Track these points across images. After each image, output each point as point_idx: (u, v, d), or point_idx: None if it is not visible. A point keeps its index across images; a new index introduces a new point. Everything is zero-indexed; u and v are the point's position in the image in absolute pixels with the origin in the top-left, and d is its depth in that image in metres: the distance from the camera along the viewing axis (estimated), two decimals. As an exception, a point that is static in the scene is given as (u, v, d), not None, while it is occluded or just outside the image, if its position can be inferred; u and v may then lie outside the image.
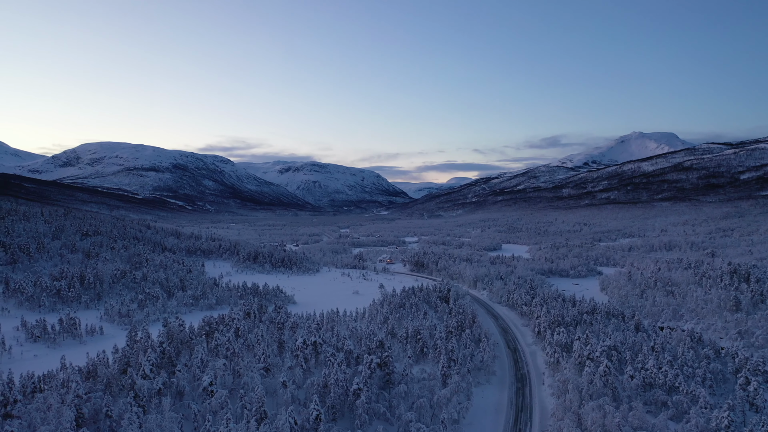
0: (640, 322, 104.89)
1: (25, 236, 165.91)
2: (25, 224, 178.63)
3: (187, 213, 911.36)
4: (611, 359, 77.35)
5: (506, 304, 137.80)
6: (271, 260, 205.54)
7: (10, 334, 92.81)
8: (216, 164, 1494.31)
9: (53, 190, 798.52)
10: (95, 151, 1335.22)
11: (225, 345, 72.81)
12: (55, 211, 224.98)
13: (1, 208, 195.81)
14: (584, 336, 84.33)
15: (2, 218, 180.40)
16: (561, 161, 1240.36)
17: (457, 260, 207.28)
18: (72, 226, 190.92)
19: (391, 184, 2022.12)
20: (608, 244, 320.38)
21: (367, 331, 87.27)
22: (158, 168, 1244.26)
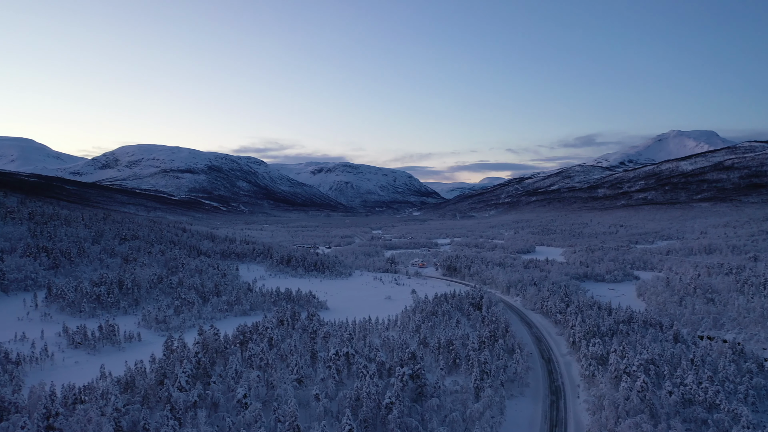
0: (678, 333, 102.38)
1: (67, 241, 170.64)
2: (67, 229, 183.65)
3: (222, 214, 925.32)
4: (648, 374, 75.69)
5: (540, 311, 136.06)
6: (303, 264, 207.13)
7: (53, 340, 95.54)
8: (250, 165, 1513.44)
9: (93, 192, 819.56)
10: (133, 154, 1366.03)
11: (259, 355, 73.62)
12: (95, 215, 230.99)
13: (44, 213, 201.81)
14: (620, 348, 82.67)
15: (45, 223, 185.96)
16: (596, 161, 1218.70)
17: (489, 264, 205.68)
18: (111, 231, 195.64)
19: (423, 185, 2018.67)
20: (645, 246, 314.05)
21: (399, 341, 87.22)
22: (193, 170, 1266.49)
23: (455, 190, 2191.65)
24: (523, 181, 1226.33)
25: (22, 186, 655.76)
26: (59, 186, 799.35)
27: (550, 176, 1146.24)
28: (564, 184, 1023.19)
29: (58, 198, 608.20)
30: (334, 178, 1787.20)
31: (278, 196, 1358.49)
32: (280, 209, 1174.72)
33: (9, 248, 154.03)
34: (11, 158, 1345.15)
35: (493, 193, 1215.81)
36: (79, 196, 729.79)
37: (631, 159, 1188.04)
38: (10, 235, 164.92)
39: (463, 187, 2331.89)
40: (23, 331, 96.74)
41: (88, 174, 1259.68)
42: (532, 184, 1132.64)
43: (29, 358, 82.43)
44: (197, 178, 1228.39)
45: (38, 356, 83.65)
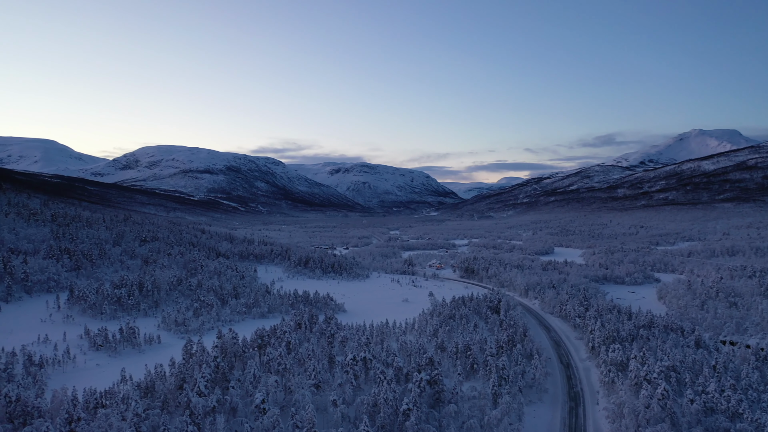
0: (700, 338, 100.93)
1: (88, 242, 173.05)
2: (88, 231, 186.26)
3: (240, 214, 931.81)
4: (669, 381, 74.72)
5: (559, 315, 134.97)
6: (321, 265, 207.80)
7: (75, 342, 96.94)
8: (268, 166, 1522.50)
9: (114, 192, 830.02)
10: (153, 155, 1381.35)
11: (277, 360, 73.99)
12: (116, 217, 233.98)
13: (67, 215, 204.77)
14: (641, 354, 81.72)
15: (67, 225, 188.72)
16: (616, 160, 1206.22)
17: (507, 267, 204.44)
18: (131, 232, 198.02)
19: (440, 185, 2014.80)
20: (666, 248, 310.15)
21: (416, 345, 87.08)
22: (212, 170, 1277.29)
23: (473, 190, 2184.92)
24: (541, 181, 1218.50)
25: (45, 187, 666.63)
26: (81, 187, 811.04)
27: (569, 176, 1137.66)
28: (583, 184, 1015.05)
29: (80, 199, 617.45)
30: (352, 178, 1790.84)
31: (296, 196, 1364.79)
32: (297, 209, 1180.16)
33: (32, 250, 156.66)
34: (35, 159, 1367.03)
35: (511, 193, 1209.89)
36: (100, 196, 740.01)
37: (651, 158, 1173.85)
38: (34, 236, 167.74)
39: (480, 187, 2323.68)
40: (46, 333, 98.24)
41: (109, 175, 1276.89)
42: (551, 184, 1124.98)
43: (52, 360, 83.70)
44: (216, 178, 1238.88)
45: (61, 359, 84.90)
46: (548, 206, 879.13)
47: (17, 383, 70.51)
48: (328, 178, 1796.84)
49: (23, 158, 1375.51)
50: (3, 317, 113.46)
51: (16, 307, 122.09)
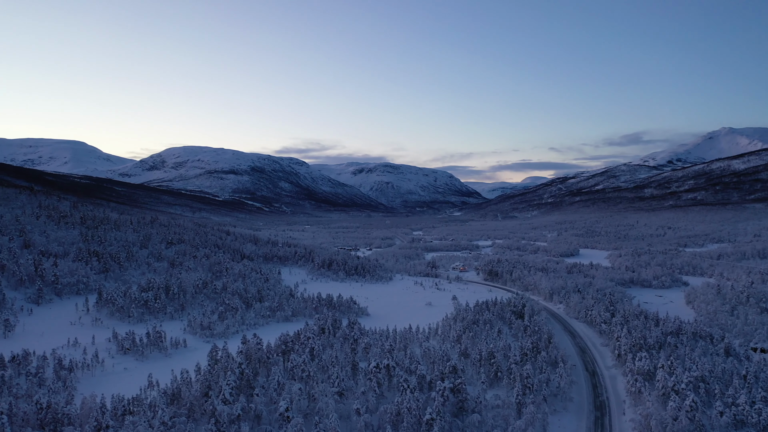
0: (730, 346, 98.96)
1: (116, 245, 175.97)
2: (116, 233, 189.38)
3: (264, 215, 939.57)
4: (698, 392, 73.41)
5: (584, 320, 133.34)
6: (344, 268, 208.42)
7: (103, 345, 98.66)
8: (291, 166, 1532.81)
9: (141, 193, 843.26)
10: (179, 155, 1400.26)
11: (300, 367, 74.45)
12: (143, 219, 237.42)
13: (95, 217, 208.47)
14: (668, 363, 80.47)
15: (96, 227, 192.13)
16: (643, 159, 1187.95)
17: (532, 270, 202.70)
18: (158, 235, 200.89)
19: (464, 185, 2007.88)
20: (694, 250, 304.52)
21: (440, 352, 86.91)
22: (237, 171, 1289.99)
23: (497, 190, 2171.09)
24: (566, 180, 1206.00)
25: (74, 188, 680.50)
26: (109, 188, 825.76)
27: (594, 176, 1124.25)
28: (609, 183, 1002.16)
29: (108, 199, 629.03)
30: (375, 178, 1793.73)
31: (319, 196, 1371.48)
32: (321, 210, 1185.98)
33: (62, 252, 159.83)
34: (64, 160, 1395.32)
35: (535, 193, 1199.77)
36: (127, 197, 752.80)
37: (679, 158, 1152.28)
38: (64, 239, 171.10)
39: (504, 186, 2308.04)
40: (75, 336, 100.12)
41: (136, 175, 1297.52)
42: (576, 183, 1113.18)
43: (81, 364, 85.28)
44: (240, 179, 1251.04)
45: (90, 363, 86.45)
46: (573, 206, 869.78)
47: (48, 388, 72.10)
48: (351, 178, 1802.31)
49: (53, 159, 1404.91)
50: (34, 319, 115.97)
51: (46, 310, 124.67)
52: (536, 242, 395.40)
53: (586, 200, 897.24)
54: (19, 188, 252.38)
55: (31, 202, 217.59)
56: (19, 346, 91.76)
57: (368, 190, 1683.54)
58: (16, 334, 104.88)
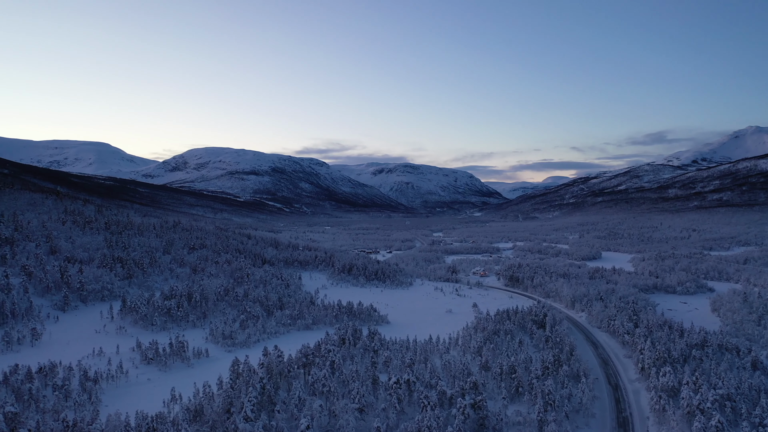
0: (757, 359, 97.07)
1: (140, 251, 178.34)
2: (140, 238, 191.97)
3: (285, 215, 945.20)
4: (724, 411, 72.15)
5: (607, 329, 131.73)
6: (365, 273, 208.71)
7: (127, 355, 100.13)
8: (312, 167, 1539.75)
9: (163, 194, 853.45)
10: (201, 156, 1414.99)
11: (321, 381, 74.76)
12: (165, 223, 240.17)
13: (119, 223, 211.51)
14: (693, 379, 79.24)
15: (120, 233, 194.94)
16: (667, 159, 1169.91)
17: (553, 276, 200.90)
18: (180, 240, 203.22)
19: (484, 185, 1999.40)
20: (720, 253, 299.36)
21: (460, 365, 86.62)
22: (258, 171, 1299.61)
23: (517, 190, 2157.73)
24: (588, 180, 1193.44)
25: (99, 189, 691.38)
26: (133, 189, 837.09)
27: (617, 175, 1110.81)
28: (632, 183, 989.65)
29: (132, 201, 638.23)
30: (395, 178, 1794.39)
31: (340, 196, 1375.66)
32: (341, 210, 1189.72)
33: (87, 258, 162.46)
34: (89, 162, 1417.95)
35: (557, 193, 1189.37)
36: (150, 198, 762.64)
37: (704, 157, 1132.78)
38: (89, 245, 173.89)
39: (525, 186, 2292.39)
40: (100, 346, 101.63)
41: (159, 176, 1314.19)
42: (598, 183, 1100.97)
43: (106, 375, 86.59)
44: (261, 179, 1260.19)
45: (114, 373, 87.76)
46: (595, 207, 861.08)
47: (74, 401, 73.43)
48: (371, 178, 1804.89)
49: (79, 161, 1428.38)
50: (61, 327, 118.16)
51: (72, 317, 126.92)
52: (557, 244, 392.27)
53: (608, 201, 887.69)
54: (45, 193, 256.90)
55: (57, 207, 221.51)
56: (46, 356, 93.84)
57: (388, 191, 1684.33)
58: (43, 342, 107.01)
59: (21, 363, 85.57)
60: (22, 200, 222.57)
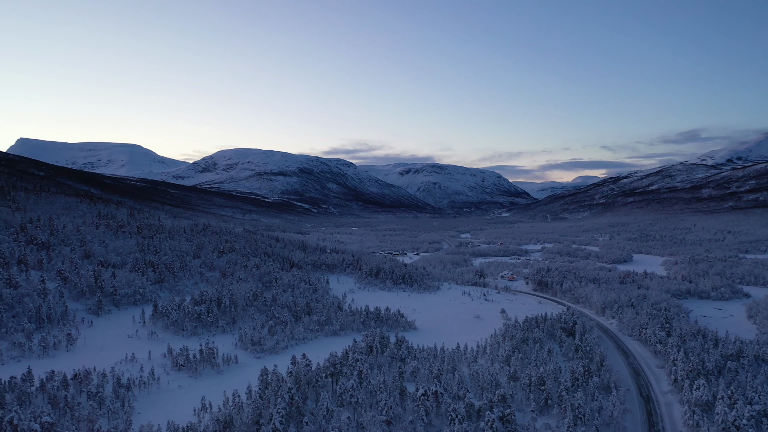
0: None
1: (171, 255, 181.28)
2: (170, 242, 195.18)
3: (312, 216, 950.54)
4: (760, 427, 70.30)
5: (638, 338, 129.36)
6: (392, 276, 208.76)
7: (159, 361, 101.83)
8: (339, 167, 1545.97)
9: (193, 195, 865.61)
10: (230, 158, 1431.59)
11: (349, 392, 75.02)
12: (195, 226, 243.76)
13: (151, 226, 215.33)
14: (728, 393, 77.36)
15: (151, 237, 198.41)
16: (700, 158, 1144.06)
17: (583, 281, 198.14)
18: (210, 244, 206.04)
19: (512, 185, 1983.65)
20: (756, 257, 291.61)
21: (488, 376, 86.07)
22: (286, 172, 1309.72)
23: (546, 190, 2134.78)
24: (619, 180, 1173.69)
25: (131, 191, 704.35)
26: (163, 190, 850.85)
27: (648, 175, 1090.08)
28: (664, 183, 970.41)
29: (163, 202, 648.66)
30: (422, 178, 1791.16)
31: (367, 197, 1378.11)
32: (368, 210, 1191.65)
33: (120, 263, 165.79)
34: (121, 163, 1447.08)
35: (586, 193, 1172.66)
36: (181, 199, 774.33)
37: (740, 156, 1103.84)
38: (121, 249, 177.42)
39: (554, 186, 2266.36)
40: (133, 351, 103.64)
41: (189, 177, 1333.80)
42: (629, 183, 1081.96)
43: (138, 381, 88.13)
44: (289, 180, 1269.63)
45: (146, 380, 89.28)
46: (626, 207, 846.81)
47: (107, 408, 74.94)
48: (398, 178, 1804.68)
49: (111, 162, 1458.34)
50: (94, 332, 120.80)
51: (105, 321, 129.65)
52: (587, 247, 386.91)
53: (639, 201, 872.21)
54: (80, 196, 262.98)
55: (90, 211, 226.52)
56: (81, 361, 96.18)
57: (415, 191, 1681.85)
58: (77, 347, 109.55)
59: (57, 368, 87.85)
60: (57, 204, 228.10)
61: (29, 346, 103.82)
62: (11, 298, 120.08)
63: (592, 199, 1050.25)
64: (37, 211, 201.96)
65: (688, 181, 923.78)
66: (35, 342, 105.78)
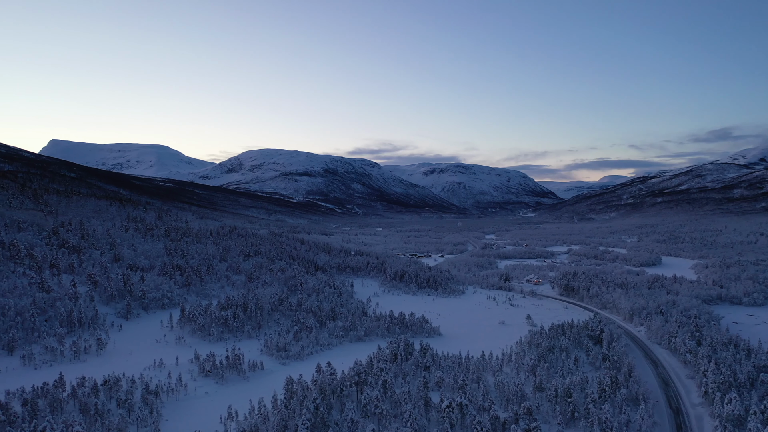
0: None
1: (198, 258, 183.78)
2: (197, 246, 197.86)
3: (337, 216, 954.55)
4: (796, 445, 68.47)
5: (667, 346, 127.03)
6: (416, 280, 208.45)
7: (186, 367, 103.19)
8: (364, 168, 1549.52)
9: (220, 196, 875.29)
10: (255, 158, 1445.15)
11: (374, 402, 75.09)
12: (221, 229, 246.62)
13: (178, 229, 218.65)
14: (761, 408, 75.54)
15: (179, 240, 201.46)
16: (732, 157, 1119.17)
17: (610, 285, 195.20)
18: (236, 247, 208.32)
19: (538, 184, 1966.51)
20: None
21: (514, 387, 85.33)
22: (311, 173, 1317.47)
23: (572, 190, 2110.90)
24: (647, 180, 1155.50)
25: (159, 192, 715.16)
26: (190, 191, 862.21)
27: (678, 175, 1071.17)
28: (694, 183, 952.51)
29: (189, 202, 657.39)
30: (447, 178, 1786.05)
31: (391, 197, 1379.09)
32: (393, 211, 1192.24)
33: (148, 266, 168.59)
34: (150, 164, 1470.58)
35: (613, 193, 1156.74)
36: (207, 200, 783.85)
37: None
38: (150, 252, 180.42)
39: (581, 186, 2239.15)
40: (161, 357, 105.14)
41: (215, 178, 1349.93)
42: (658, 183, 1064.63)
43: (166, 387, 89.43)
44: (314, 180, 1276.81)
45: (174, 386, 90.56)
46: (654, 208, 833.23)
47: (136, 415, 76.21)
48: (422, 178, 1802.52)
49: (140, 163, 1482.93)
50: (124, 336, 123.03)
51: (134, 325, 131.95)
52: (615, 249, 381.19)
53: (668, 201, 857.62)
54: (110, 199, 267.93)
55: (120, 214, 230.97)
56: (110, 366, 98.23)
57: (440, 191, 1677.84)
58: (107, 351, 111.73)
59: (87, 373, 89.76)
60: (88, 207, 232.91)
61: (61, 351, 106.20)
62: (44, 302, 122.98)
63: (619, 200, 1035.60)
64: (68, 214, 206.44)
65: (719, 181, 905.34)
66: (67, 346, 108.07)
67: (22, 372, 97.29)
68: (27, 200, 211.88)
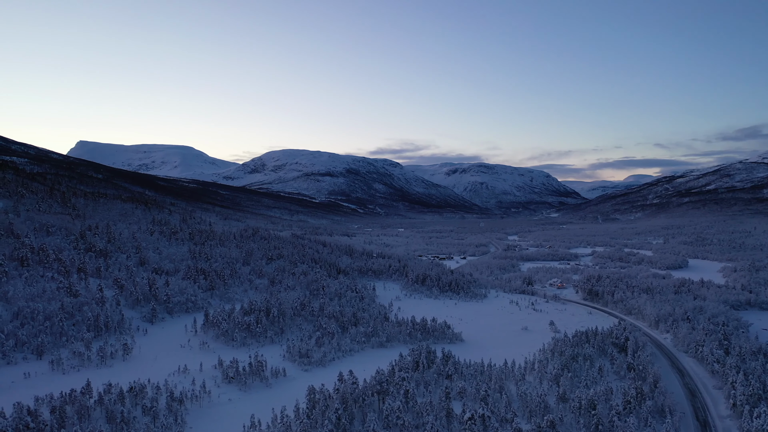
0: None
1: (221, 261, 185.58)
2: (221, 249, 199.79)
3: (359, 216, 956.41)
4: (828, 463, 66.78)
5: (694, 354, 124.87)
6: (438, 284, 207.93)
7: (209, 373, 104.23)
8: (385, 168, 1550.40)
9: (243, 196, 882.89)
10: (278, 159, 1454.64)
11: (396, 413, 75.07)
12: (245, 232, 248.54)
13: (202, 232, 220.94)
14: (792, 423, 73.83)
15: (203, 243, 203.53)
16: (761, 156, 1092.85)
17: (635, 290, 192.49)
18: (259, 250, 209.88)
19: (561, 184, 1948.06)
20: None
21: (536, 398, 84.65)
22: (333, 173, 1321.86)
23: (597, 190, 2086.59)
24: (673, 179, 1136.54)
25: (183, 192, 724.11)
26: (214, 191, 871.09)
27: (705, 174, 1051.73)
28: (722, 183, 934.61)
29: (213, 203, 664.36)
30: (469, 178, 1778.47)
31: (413, 197, 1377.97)
32: (414, 211, 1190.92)
33: (173, 270, 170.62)
34: (174, 165, 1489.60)
35: (639, 193, 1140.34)
36: (231, 200, 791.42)
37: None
38: (174, 255, 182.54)
39: (605, 186, 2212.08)
40: (185, 363, 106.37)
41: (238, 178, 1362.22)
42: (685, 183, 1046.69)
43: (190, 394, 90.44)
44: (336, 181, 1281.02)
45: (197, 393, 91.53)
46: (681, 208, 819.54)
47: (161, 423, 77.19)
48: (445, 178, 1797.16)
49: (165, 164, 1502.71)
50: (149, 340, 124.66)
51: (159, 329, 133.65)
52: (640, 251, 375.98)
53: (695, 202, 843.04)
54: (135, 202, 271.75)
55: (145, 217, 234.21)
56: (136, 371, 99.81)
57: (462, 191, 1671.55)
58: (133, 356, 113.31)
59: (114, 379, 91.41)
60: (114, 210, 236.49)
61: (88, 356, 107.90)
62: (71, 306, 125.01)
63: (645, 200, 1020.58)
64: (95, 217, 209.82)
65: (748, 181, 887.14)
66: (94, 351, 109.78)
67: (51, 377, 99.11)
68: (55, 203, 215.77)
